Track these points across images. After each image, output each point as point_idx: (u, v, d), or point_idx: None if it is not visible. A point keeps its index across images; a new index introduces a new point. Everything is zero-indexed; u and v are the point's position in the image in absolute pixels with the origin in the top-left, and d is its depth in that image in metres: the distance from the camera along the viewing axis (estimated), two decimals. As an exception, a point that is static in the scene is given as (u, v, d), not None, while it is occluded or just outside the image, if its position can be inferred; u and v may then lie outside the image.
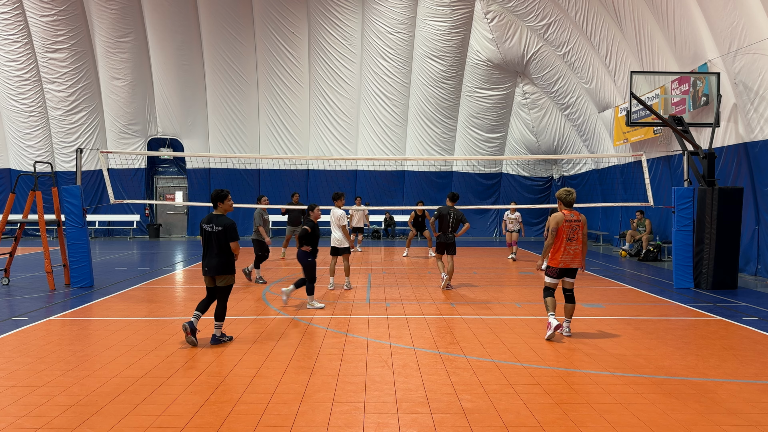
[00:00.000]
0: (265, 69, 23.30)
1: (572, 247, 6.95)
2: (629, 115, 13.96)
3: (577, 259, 7.00)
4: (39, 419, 4.53)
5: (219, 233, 6.69)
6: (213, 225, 6.72)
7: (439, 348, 6.66)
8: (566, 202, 7.06)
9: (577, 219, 6.99)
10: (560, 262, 6.97)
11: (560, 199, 7.11)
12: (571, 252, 6.96)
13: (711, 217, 10.97)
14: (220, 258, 6.71)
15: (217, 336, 6.83)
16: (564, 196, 7.09)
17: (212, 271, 6.74)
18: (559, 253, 6.96)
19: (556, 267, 7.02)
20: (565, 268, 7.00)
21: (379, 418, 4.60)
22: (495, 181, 24.36)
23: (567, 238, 6.92)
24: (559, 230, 6.94)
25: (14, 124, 23.37)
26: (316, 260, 8.92)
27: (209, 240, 6.74)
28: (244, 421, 4.51)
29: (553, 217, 7.06)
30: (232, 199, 7.04)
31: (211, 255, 6.74)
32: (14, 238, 11.51)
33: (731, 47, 11.96)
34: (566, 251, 6.94)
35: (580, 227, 6.99)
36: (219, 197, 6.87)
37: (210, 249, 6.76)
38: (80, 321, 8.11)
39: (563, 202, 7.08)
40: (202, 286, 11.06)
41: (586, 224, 7.06)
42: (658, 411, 4.75)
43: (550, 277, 7.13)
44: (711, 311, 8.79)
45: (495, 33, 20.64)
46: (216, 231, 6.70)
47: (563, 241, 6.93)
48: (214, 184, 23.82)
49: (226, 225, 6.70)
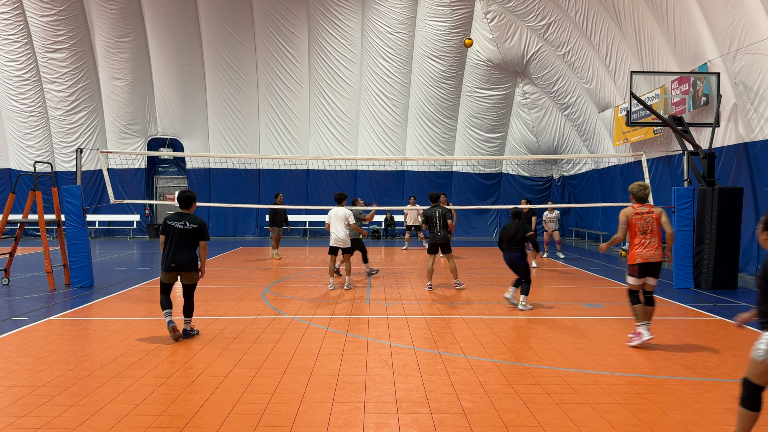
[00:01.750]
0: (265, 69, 23.29)
1: (648, 239, 6.58)
2: (629, 115, 13.96)
3: (658, 252, 6.59)
4: (39, 419, 4.53)
5: (193, 231, 6.89)
6: (186, 222, 6.89)
7: (439, 348, 6.66)
8: (639, 197, 6.72)
9: (649, 211, 6.63)
10: (637, 257, 6.58)
11: (632, 194, 6.77)
12: (648, 245, 6.57)
13: (711, 217, 10.97)
14: (191, 255, 6.92)
15: (187, 330, 7.08)
16: (637, 190, 6.74)
17: (182, 268, 6.88)
18: (635, 248, 6.62)
19: (635, 263, 6.61)
20: (645, 263, 6.57)
21: (379, 418, 4.60)
22: (495, 181, 24.35)
23: (641, 231, 6.58)
24: (630, 224, 6.60)
25: (14, 124, 23.38)
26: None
27: (179, 237, 6.86)
28: (244, 421, 4.51)
29: (623, 211, 6.70)
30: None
31: (182, 252, 6.86)
32: (14, 238, 11.50)
33: (731, 47, 11.95)
34: (642, 245, 6.58)
35: (655, 219, 6.62)
36: (192, 198, 7.12)
37: (180, 246, 6.86)
38: (80, 321, 8.11)
39: (635, 198, 6.74)
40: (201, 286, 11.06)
41: (664, 214, 6.68)
42: (658, 411, 4.75)
43: (632, 277, 6.69)
44: (711, 311, 8.79)
45: (495, 33, 20.64)
46: (190, 228, 6.88)
47: (636, 235, 6.59)
48: (214, 184, 23.83)
49: (201, 224, 6.95)
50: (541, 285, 11.39)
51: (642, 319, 6.66)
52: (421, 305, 9.18)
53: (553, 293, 10.45)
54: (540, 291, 10.65)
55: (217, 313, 8.55)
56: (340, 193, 10.90)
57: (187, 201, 7.07)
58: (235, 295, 10.05)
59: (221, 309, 8.82)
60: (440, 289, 10.74)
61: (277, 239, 15.75)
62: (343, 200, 10.86)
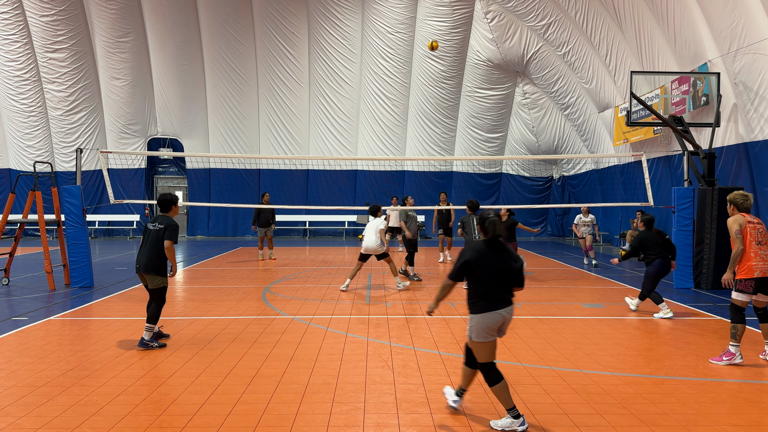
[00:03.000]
0: (265, 69, 23.29)
1: (764, 251, 5.94)
2: (629, 115, 13.96)
3: None
4: (39, 419, 4.53)
5: (159, 230, 6.62)
6: (157, 224, 6.68)
7: (439, 348, 6.66)
8: (744, 208, 6.11)
9: (759, 222, 6.05)
10: (755, 270, 5.86)
11: (734, 204, 6.14)
12: (766, 257, 5.91)
13: (711, 217, 10.97)
14: (153, 257, 6.58)
15: (145, 340, 6.51)
16: (741, 201, 6.11)
17: (142, 269, 6.61)
18: (750, 261, 5.89)
19: (750, 278, 5.89)
20: (763, 277, 5.89)
21: (379, 418, 4.60)
22: (495, 181, 24.35)
23: (756, 242, 5.92)
24: (744, 232, 5.95)
25: (14, 124, 23.36)
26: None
27: (148, 238, 6.67)
28: (244, 421, 4.51)
29: (733, 220, 6.02)
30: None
31: (144, 253, 6.62)
32: (14, 238, 11.50)
33: (731, 47, 11.95)
34: (759, 256, 5.88)
35: (766, 231, 6.05)
36: (171, 201, 6.89)
37: (144, 247, 6.66)
38: (80, 321, 8.11)
39: (739, 208, 6.12)
40: (201, 286, 11.08)
41: None
42: (658, 411, 4.75)
43: (742, 293, 5.95)
44: (711, 311, 8.79)
45: (495, 33, 20.63)
46: (157, 229, 6.63)
47: (752, 246, 5.92)
48: (214, 184, 23.83)
49: (167, 225, 6.63)
50: (542, 285, 11.39)
51: (740, 339, 6.05)
52: (421, 305, 9.18)
53: (553, 293, 10.45)
54: (540, 291, 10.65)
55: (217, 313, 8.55)
56: (375, 206, 10.90)
57: (166, 204, 6.86)
58: (235, 295, 10.05)
59: (221, 309, 8.82)
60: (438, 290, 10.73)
61: (270, 239, 15.62)
62: (378, 211, 10.81)
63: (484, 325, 4.41)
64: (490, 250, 4.48)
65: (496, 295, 4.44)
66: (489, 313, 4.40)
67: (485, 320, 4.41)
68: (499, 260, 4.46)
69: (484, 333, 4.42)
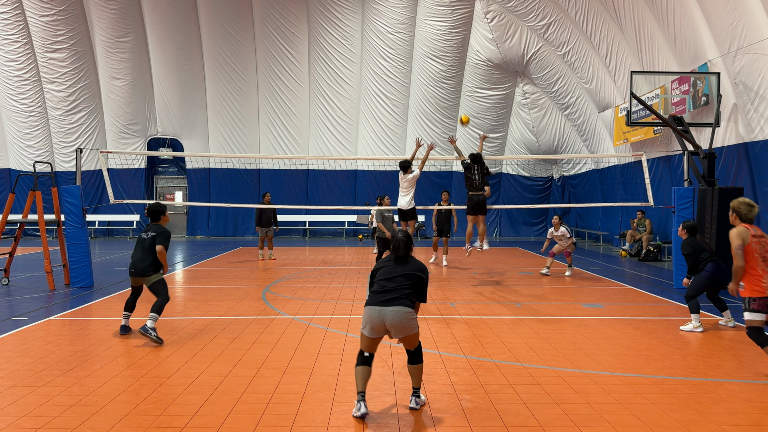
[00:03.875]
0: (265, 69, 23.28)
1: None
2: (629, 115, 13.96)
3: None
4: (39, 419, 4.53)
5: (150, 238, 7.03)
6: (149, 232, 7.11)
7: (439, 348, 6.65)
8: (746, 219, 5.64)
9: (761, 235, 5.59)
10: (766, 290, 5.46)
11: (738, 213, 5.68)
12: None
13: (711, 217, 10.96)
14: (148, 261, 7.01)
15: (148, 326, 6.69)
16: (745, 212, 5.64)
17: (139, 273, 7.07)
18: (760, 280, 5.45)
19: (760, 297, 5.46)
20: None
21: (379, 418, 4.60)
22: (495, 181, 24.32)
23: (761, 258, 5.48)
24: (747, 249, 5.48)
25: (14, 124, 23.35)
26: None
27: (140, 244, 7.08)
28: (244, 421, 4.51)
29: (736, 232, 5.56)
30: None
31: (138, 257, 7.07)
32: (14, 238, 11.50)
33: (731, 47, 11.95)
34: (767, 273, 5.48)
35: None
36: (160, 212, 7.29)
37: (138, 252, 7.10)
38: (80, 321, 8.11)
39: (742, 218, 5.65)
40: (201, 286, 11.08)
41: None
42: (658, 411, 4.74)
43: (757, 313, 5.50)
44: (711, 311, 8.79)
45: (495, 33, 20.63)
46: (150, 236, 7.05)
47: (758, 263, 5.47)
48: (214, 184, 23.82)
49: (159, 232, 7.07)
50: (542, 285, 11.39)
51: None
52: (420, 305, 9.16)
53: (553, 293, 10.45)
54: (540, 291, 10.65)
55: (217, 313, 8.55)
56: (404, 161, 11.82)
57: (155, 214, 7.28)
58: (235, 295, 10.05)
59: (221, 309, 8.82)
60: (440, 290, 10.74)
61: (270, 239, 15.64)
62: (408, 168, 11.69)
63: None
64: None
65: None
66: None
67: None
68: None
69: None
